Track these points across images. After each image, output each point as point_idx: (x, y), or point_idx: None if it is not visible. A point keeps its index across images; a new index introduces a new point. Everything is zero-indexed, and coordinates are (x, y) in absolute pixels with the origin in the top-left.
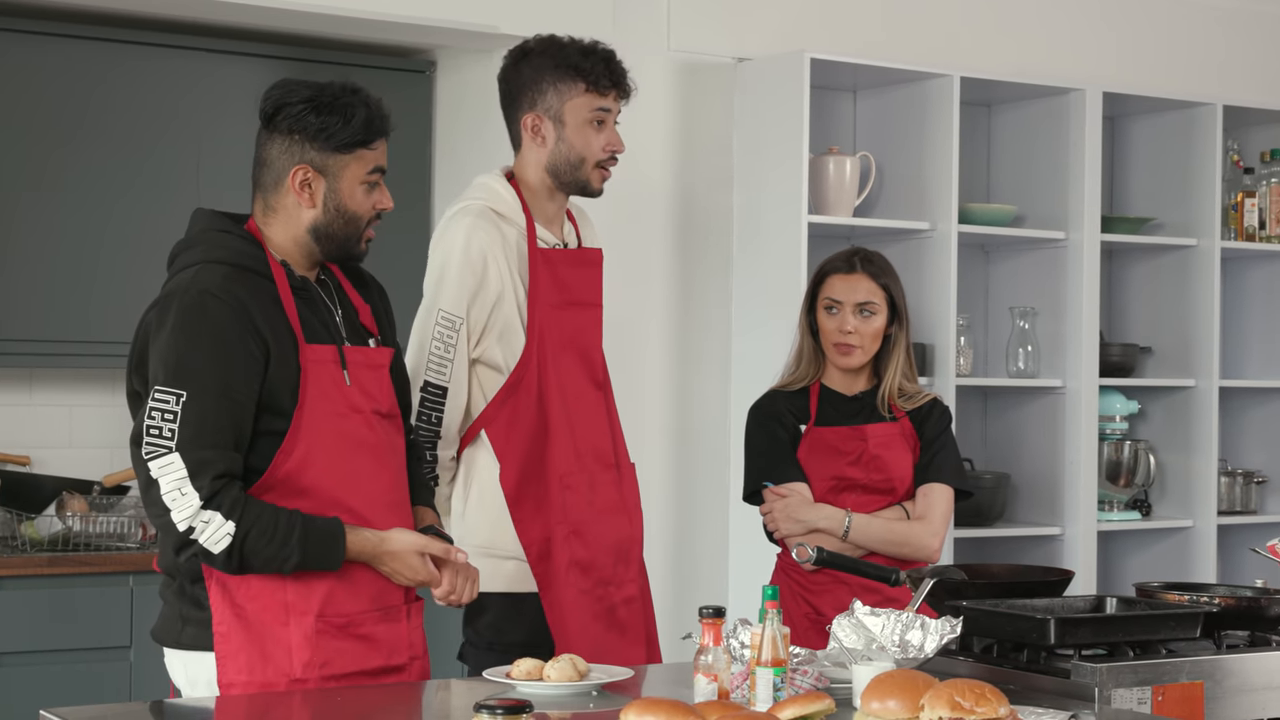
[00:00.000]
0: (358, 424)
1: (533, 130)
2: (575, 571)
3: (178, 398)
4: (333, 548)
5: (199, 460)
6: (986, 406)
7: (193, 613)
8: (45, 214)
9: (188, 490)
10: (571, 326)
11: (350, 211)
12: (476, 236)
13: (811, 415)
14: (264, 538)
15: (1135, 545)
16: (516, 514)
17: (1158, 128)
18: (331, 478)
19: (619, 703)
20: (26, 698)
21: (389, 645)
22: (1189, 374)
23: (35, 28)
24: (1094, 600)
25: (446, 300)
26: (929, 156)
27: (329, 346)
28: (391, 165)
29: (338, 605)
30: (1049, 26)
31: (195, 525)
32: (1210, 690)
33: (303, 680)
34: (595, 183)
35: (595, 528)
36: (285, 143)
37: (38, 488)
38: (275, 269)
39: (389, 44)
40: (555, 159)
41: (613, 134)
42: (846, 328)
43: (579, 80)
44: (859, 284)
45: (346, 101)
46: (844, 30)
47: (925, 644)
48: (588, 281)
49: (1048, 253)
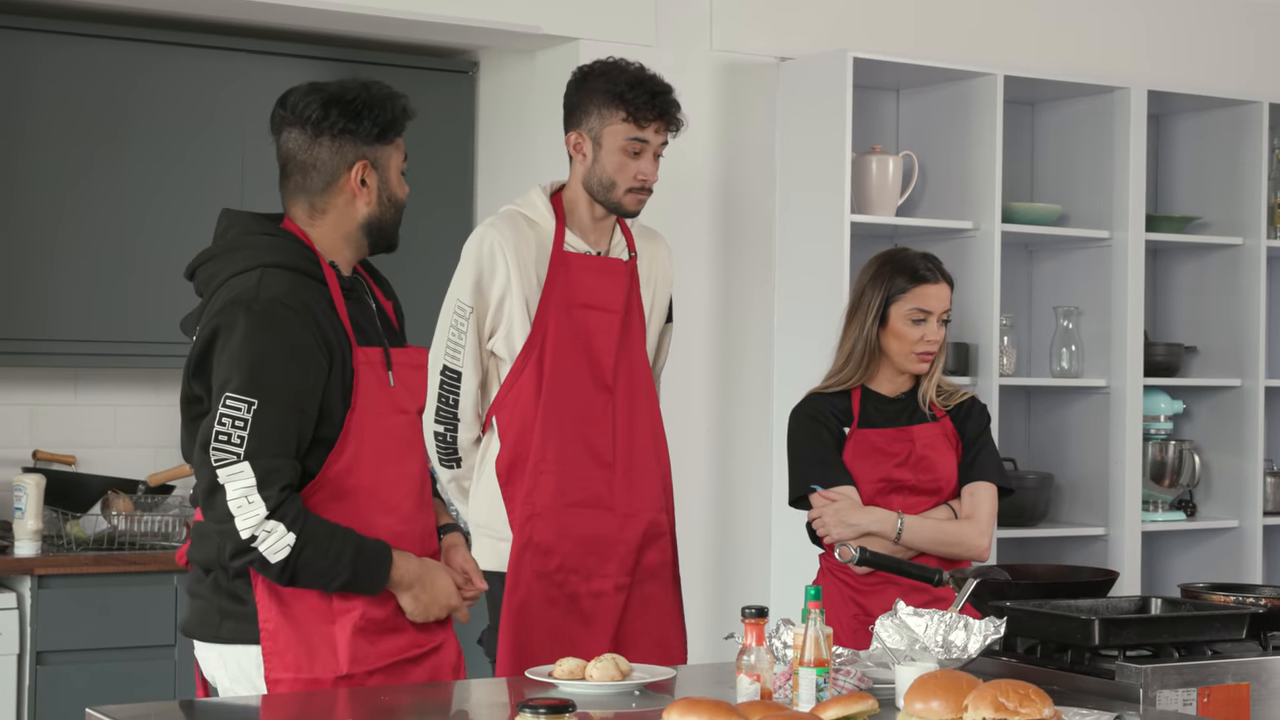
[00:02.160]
0: (401, 424)
1: (574, 147)
2: (533, 552)
3: (250, 406)
4: (380, 569)
5: (268, 470)
6: (1030, 406)
7: (232, 607)
8: (88, 215)
9: (255, 499)
10: (582, 328)
11: (399, 199)
12: (490, 234)
13: (855, 417)
14: (319, 553)
15: (1180, 546)
16: (506, 495)
17: (1203, 126)
18: (374, 478)
19: (661, 702)
20: (72, 696)
21: (424, 630)
22: (1235, 373)
23: (76, 29)
24: (1139, 601)
25: (459, 290)
26: (972, 155)
27: (377, 349)
28: (434, 165)
29: (379, 600)
30: (1093, 25)
31: (259, 535)
32: (1256, 692)
33: (349, 677)
34: (629, 205)
35: (564, 517)
36: (337, 143)
37: (83, 487)
38: (327, 271)
39: (431, 44)
40: (590, 178)
41: (647, 164)
42: (933, 337)
43: (620, 109)
44: (944, 294)
45: (376, 94)
46: (887, 29)
47: (969, 644)
48: (607, 287)
49: (1092, 252)
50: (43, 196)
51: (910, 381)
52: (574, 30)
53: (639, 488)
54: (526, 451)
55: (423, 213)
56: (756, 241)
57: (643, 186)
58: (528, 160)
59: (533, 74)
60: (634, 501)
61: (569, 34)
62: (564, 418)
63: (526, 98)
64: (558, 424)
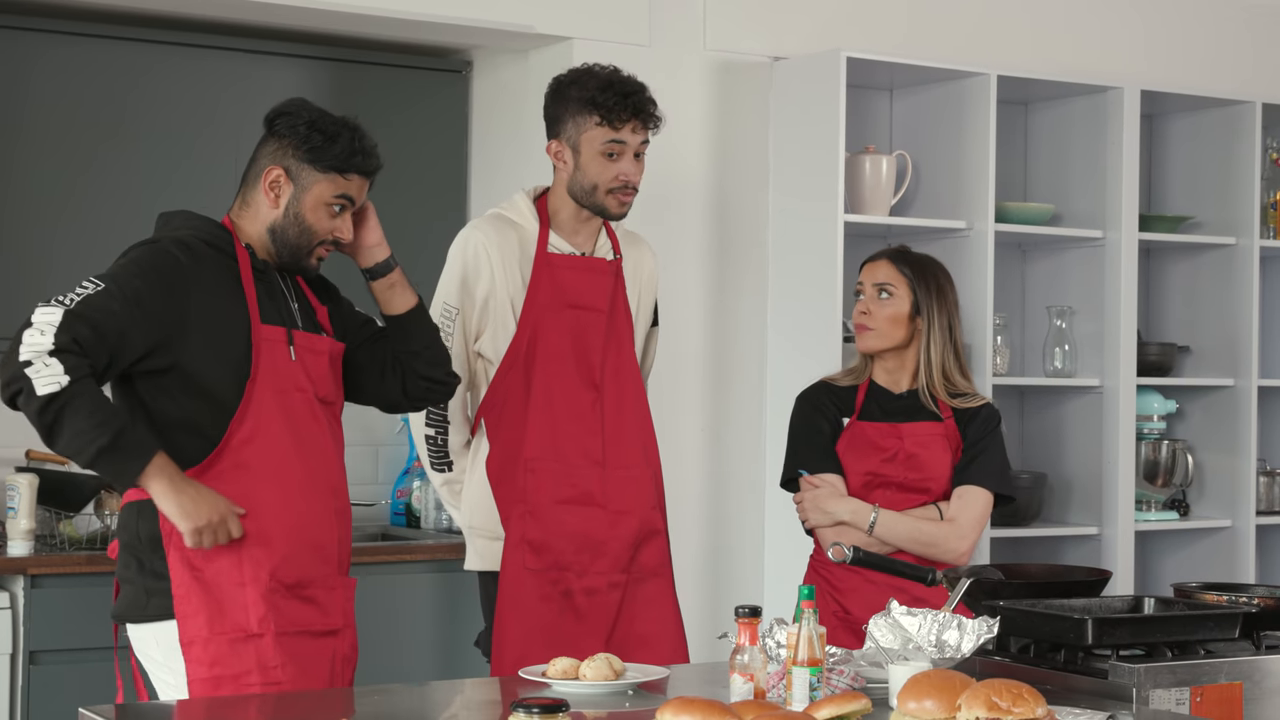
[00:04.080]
0: (300, 402)
1: (555, 156)
2: (525, 549)
3: (96, 286)
4: (141, 450)
5: (74, 323)
6: (1023, 406)
7: (155, 584)
8: (87, 215)
9: (48, 333)
10: (569, 328)
11: (306, 223)
12: (474, 236)
13: (856, 409)
14: (85, 409)
15: (1173, 545)
16: (498, 495)
17: (1196, 126)
18: (276, 452)
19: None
20: (65, 696)
21: (326, 610)
22: (1227, 373)
23: (76, 29)
24: (1132, 600)
25: (445, 293)
26: (966, 155)
27: (279, 329)
28: (427, 164)
29: (286, 571)
30: (1087, 24)
31: (34, 362)
32: (1249, 691)
33: (258, 634)
34: (612, 208)
35: (556, 514)
36: (274, 145)
37: (77, 487)
38: (240, 250)
39: (425, 44)
40: (572, 184)
41: (627, 164)
42: (864, 309)
43: (593, 113)
44: (879, 267)
45: (338, 130)
46: (880, 29)
47: (962, 644)
48: (592, 286)
49: (1085, 252)
50: (42, 197)
51: (916, 379)
52: (568, 30)
53: (629, 485)
54: (517, 450)
55: (415, 213)
56: (749, 241)
57: (625, 186)
58: (522, 160)
59: (526, 74)
60: (625, 499)
61: (563, 34)
62: (552, 416)
63: (520, 97)
64: (547, 423)
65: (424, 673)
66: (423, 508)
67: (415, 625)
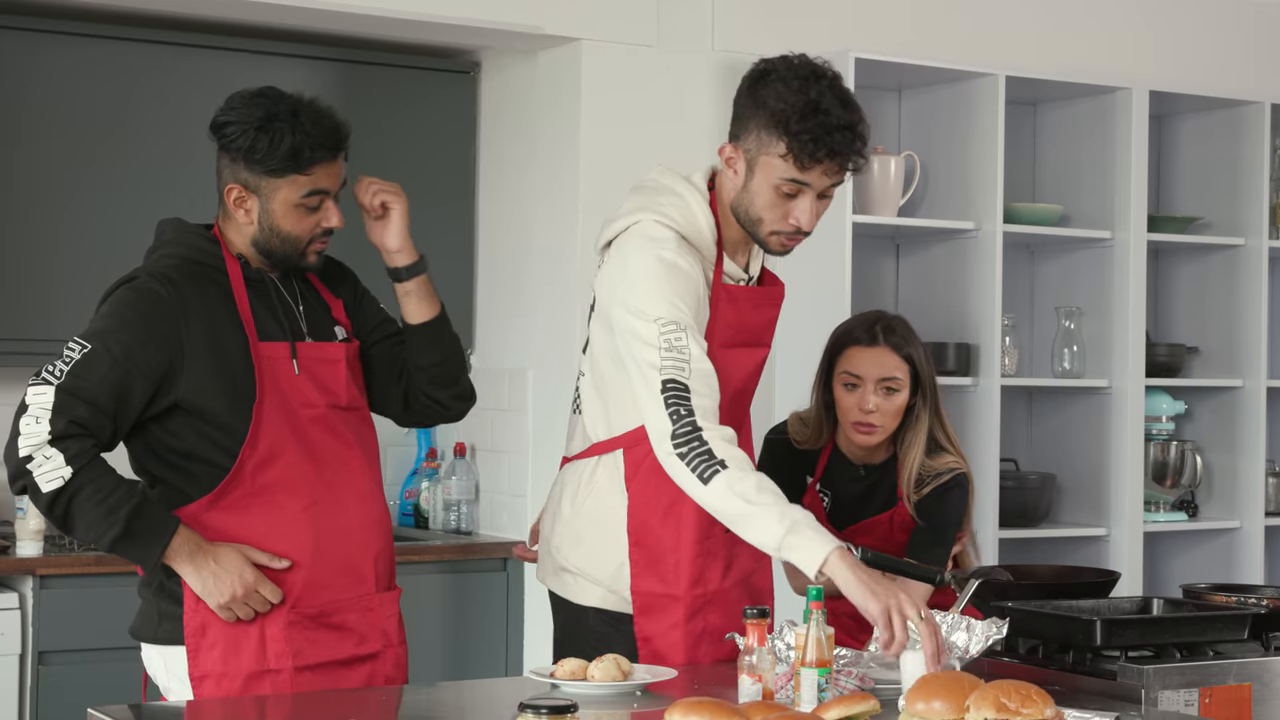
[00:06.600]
0: (311, 418)
1: (727, 161)
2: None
3: (82, 348)
4: (159, 532)
5: (67, 401)
6: (1031, 407)
7: (169, 608)
8: (87, 215)
9: (43, 422)
10: (734, 370)
11: (284, 232)
12: (680, 262)
13: (817, 475)
14: (94, 499)
15: (1182, 546)
16: (634, 557)
17: (1205, 126)
18: (291, 473)
19: (663, 703)
20: (74, 696)
21: (360, 633)
22: (1236, 374)
23: (76, 29)
24: (1140, 601)
25: (656, 308)
26: (974, 156)
27: (281, 344)
28: (435, 165)
29: (311, 596)
30: (1095, 25)
31: (35, 456)
32: (1258, 692)
33: (276, 671)
34: (773, 246)
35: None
36: (226, 160)
37: None
38: (230, 263)
39: (433, 45)
40: (738, 202)
41: (804, 208)
42: (867, 406)
43: (782, 139)
44: (882, 359)
45: (279, 126)
46: (888, 29)
47: (970, 645)
48: (765, 323)
49: (1093, 252)
50: (42, 197)
51: (888, 449)
52: (576, 31)
53: None
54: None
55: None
56: None
57: (795, 231)
58: (530, 160)
59: (534, 74)
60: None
61: (571, 35)
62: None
63: (528, 98)
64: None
65: (432, 673)
66: (431, 508)
67: (423, 626)
